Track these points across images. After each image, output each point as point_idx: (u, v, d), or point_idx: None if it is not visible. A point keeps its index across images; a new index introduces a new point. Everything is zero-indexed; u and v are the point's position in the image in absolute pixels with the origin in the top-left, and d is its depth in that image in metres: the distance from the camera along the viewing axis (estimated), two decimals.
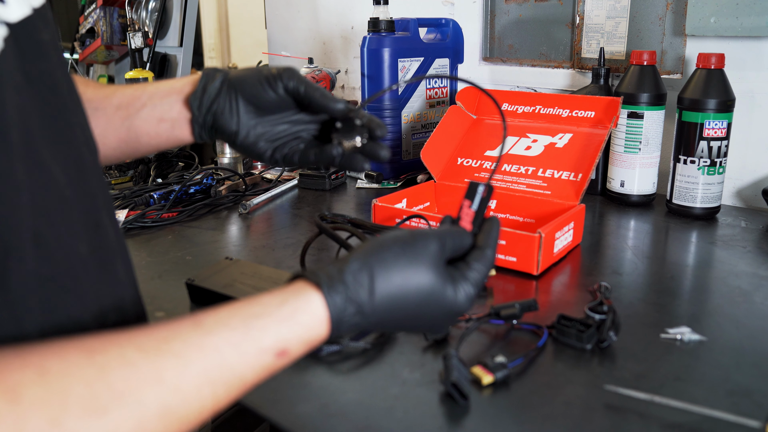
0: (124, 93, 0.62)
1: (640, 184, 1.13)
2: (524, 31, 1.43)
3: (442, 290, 0.48)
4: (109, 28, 1.96)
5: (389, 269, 0.46)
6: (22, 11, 0.40)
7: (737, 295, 0.76)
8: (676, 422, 0.52)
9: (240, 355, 0.40)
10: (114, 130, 0.62)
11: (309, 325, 0.43)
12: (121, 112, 0.62)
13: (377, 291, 0.45)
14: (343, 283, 0.45)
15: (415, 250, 0.47)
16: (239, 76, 0.60)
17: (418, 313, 0.47)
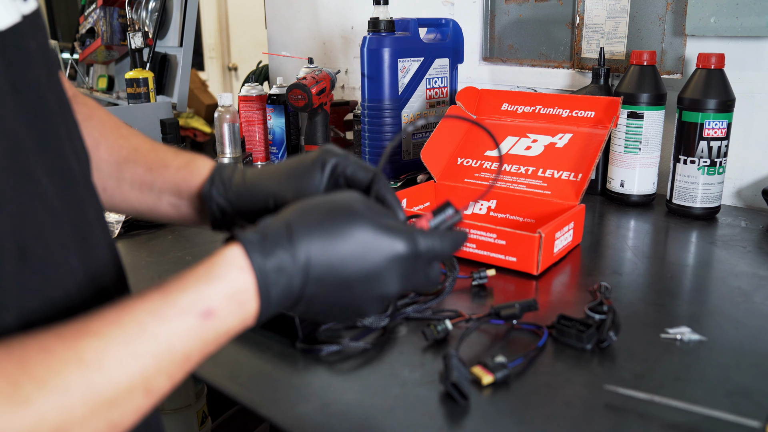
0: (135, 171, 0.61)
1: (640, 184, 1.13)
2: (524, 31, 1.43)
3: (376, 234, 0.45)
4: (109, 28, 1.96)
5: (308, 217, 0.44)
6: (11, 18, 0.39)
7: (737, 295, 0.76)
8: (676, 422, 0.52)
9: (160, 321, 0.38)
10: (131, 206, 0.62)
11: (229, 277, 0.41)
12: (137, 194, 0.62)
13: (296, 235, 0.43)
14: (257, 230, 0.43)
15: (336, 201, 0.46)
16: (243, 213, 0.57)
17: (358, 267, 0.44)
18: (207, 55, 3.74)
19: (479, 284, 0.79)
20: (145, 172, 0.62)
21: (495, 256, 0.84)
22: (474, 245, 0.86)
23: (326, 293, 0.45)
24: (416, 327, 0.69)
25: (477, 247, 0.86)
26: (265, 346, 0.66)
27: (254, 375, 0.61)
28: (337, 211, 0.45)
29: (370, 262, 0.45)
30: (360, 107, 1.32)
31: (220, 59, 3.73)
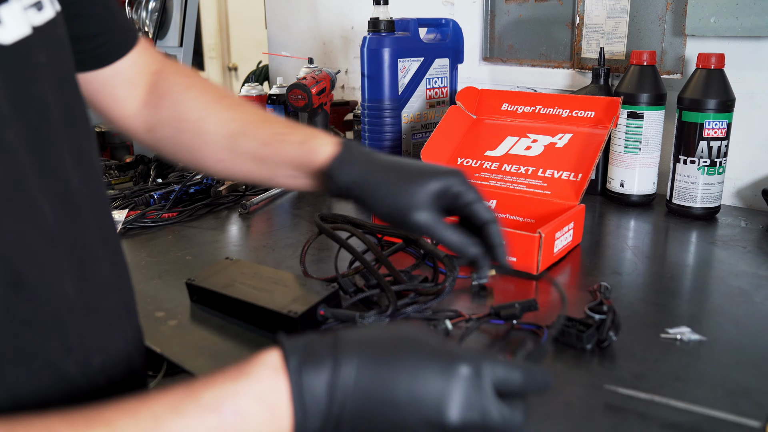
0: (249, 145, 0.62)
1: (640, 184, 1.13)
2: (524, 31, 1.43)
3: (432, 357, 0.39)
4: None
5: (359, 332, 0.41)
6: (20, 31, 0.38)
7: (737, 295, 0.76)
8: (676, 422, 0.52)
9: (177, 416, 0.35)
10: (247, 175, 0.64)
11: (258, 376, 0.37)
12: (253, 165, 0.63)
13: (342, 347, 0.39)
14: (304, 339, 0.40)
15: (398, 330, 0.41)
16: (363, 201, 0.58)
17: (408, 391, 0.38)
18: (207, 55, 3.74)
19: (479, 284, 0.79)
20: (261, 146, 0.62)
21: None
22: None
23: (373, 419, 0.38)
24: None
25: None
26: (265, 346, 0.66)
27: None
28: (395, 337, 0.41)
29: (423, 386, 0.38)
30: (360, 107, 1.32)
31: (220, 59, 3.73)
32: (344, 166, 0.58)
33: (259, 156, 0.62)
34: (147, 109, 0.65)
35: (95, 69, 0.61)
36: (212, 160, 0.65)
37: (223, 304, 0.73)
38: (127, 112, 0.65)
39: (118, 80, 0.63)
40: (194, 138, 0.64)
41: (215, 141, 0.63)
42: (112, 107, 0.65)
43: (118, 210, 1.06)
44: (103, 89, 0.63)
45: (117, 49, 0.62)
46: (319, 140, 0.60)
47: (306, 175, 0.61)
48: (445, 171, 0.58)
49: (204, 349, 0.66)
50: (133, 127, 0.66)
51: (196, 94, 0.65)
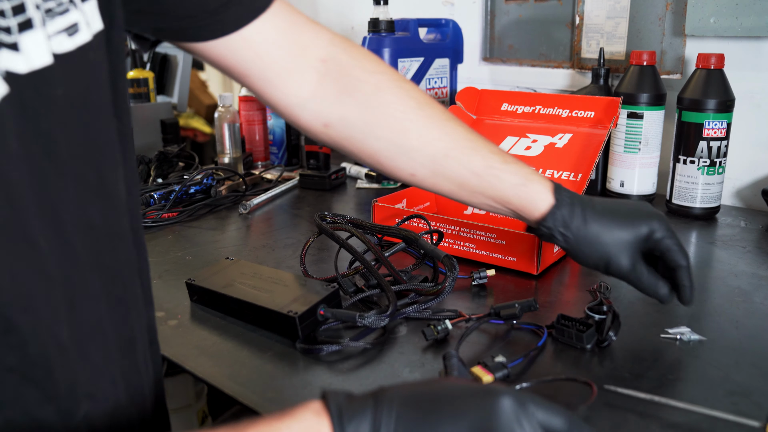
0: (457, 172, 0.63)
1: (640, 184, 1.13)
2: (524, 31, 1.43)
3: None
4: None
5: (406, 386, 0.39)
6: (40, 61, 0.36)
7: (737, 295, 0.77)
8: (676, 422, 0.52)
9: None
10: (442, 193, 0.66)
11: (302, 418, 0.37)
12: (454, 189, 0.65)
13: (384, 401, 0.38)
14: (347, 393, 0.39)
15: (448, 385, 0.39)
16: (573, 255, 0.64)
17: None
18: None
19: (479, 284, 0.79)
20: (470, 175, 0.63)
21: (495, 256, 0.84)
22: (474, 245, 0.86)
23: None
24: (416, 327, 0.69)
25: (477, 247, 0.86)
26: (265, 346, 0.66)
27: (254, 375, 0.61)
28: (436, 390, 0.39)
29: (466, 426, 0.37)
30: None
31: None
32: (559, 223, 0.62)
33: (466, 184, 0.63)
34: (323, 104, 0.62)
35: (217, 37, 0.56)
36: (405, 173, 0.65)
37: (223, 304, 0.73)
38: (291, 100, 0.62)
39: (261, 57, 0.59)
40: (389, 147, 0.63)
41: (414, 157, 0.63)
42: (270, 91, 0.62)
43: None
44: (245, 64, 0.59)
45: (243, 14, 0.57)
46: (535, 187, 0.62)
47: (512, 213, 0.65)
48: (651, 215, 0.63)
49: (204, 349, 0.66)
50: (302, 121, 0.64)
51: (392, 99, 0.62)
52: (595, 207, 0.63)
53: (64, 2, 0.38)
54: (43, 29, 0.37)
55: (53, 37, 0.37)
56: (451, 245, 0.88)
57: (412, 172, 0.64)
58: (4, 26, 0.34)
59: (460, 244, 0.87)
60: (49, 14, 0.37)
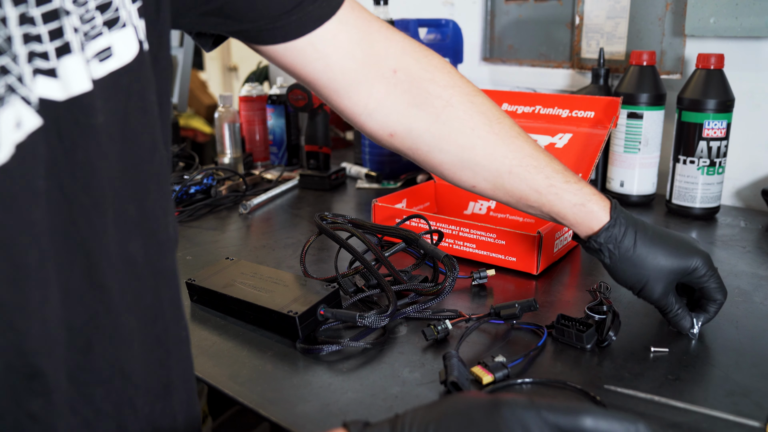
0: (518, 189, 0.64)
1: (640, 184, 1.13)
2: (524, 31, 1.43)
3: None
4: None
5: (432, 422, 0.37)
6: (79, 87, 0.34)
7: (737, 295, 0.77)
8: (676, 422, 0.52)
9: None
10: (489, 197, 0.67)
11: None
12: (511, 201, 0.66)
13: None
14: (366, 422, 0.38)
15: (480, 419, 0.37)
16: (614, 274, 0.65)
17: None
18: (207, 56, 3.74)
19: (479, 284, 0.79)
20: (532, 192, 0.64)
21: (495, 256, 0.84)
22: (474, 245, 0.86)
23: None
24: (416, 327, 0.69)
25: (477, 247, 0.86)
26: (265, 346, 0.66)
27: (254, 375, 0.61)
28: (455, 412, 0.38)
29: None
30: None
31: (220, 59, 3.73)
32: (610, 241, 0.63)
33: (525, 198, 0.65)
34: (391, 115, 0.63)
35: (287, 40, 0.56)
36: (467, 184, 0.66)
37: (223, 304, 0.73)
38: (358, 109, 0.63)
39: (330, 64, 0.59)
40: (454, 162, 0.64)
41: (479, 172, 0.64)
42: (336, 99, 0.62)
43: None
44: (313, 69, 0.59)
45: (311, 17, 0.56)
46: (593, 207, 0.63)
47: (565, 224, 0.66)
48: (698, 252, 0.63)
49: (204, 349, 0.66)
50: (368, 128, 0.65)
51: (462, 115, 0.63)
52: (647, 231, 0.64)
53: (98, 25, 0.36)
54: (82, 54, 0.35)
55: (91, 61, 0.36)
56: (451, 245, 0.88)
57: (473, 184, 0.66)
58: (40, 52, 0.33)
59: (460, 244, 0.87)
60: (87, 37, 0.35)
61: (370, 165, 1.34)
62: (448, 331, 0.66)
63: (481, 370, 0.58)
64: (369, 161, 1.34)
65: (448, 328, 0.66)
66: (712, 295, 0.64)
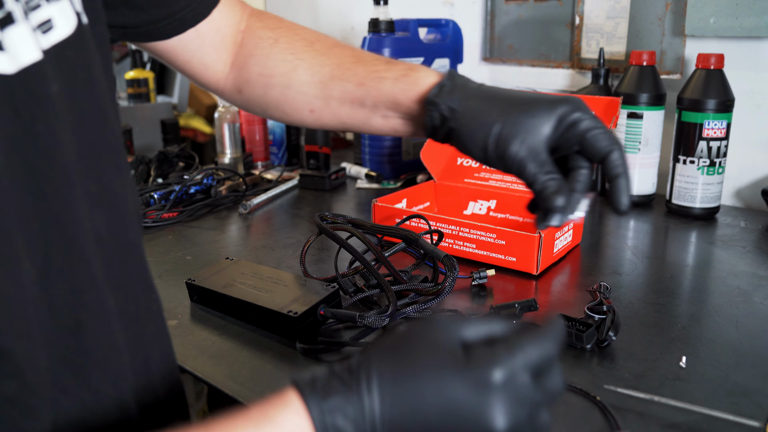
0: (343, 87, 0.59)
1: (640, 185, 1.13)
2: (524, 31, 1.43)
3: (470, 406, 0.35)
4: None
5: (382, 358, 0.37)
6: (28, 57, 0.33)
7: (737, 295, 0.77)
8: (676, 422, 0.52)
9: None
10: (341, 122, 0.62)
11: (281, 420, 0.35)
12: (347, 110, 0.60)
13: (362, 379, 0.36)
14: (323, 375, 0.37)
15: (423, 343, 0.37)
16: (460, 137, 0.52)
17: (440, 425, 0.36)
18: None
19: (479, 284, 0.80)
20: (356, 88, 0.58)
21: (495, 256, 0.84)
22: (474, 245, 0.86)
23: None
24: None
25: (477, 247, 0.86)
26: (265, 346, 0.66)
27: (254, 375, 0.61)
28: (420, 357, 0.37)
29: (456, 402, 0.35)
30: None
31: None
32: (445, 93, 0.52)
33: (354, 98, 0.59)
34: (235, 70, 0.64)
35: (178, 34, 0.59)
36: (305, 112, 0.62)
37: (223, 304, 0.73)
38: (217, 76, 0.64)
39: (204, 44, 0.61)
40: (285, 92, 0.62)
41: (306, 90, 0.61)
42: (203, 72, 0.64)
43: None
44: (191, 55, 0.62)
45: (199, 10, 0.59)
46: (421, 72, 0.56)
47: (402, 113, 0.57)
48: (561, 98, 0.50)
49: (204, 349, 0.66)
50: (224, 90, 0.66)
51: (286, 46, 0.62)
52: (495, 88, 0.53)
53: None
54: (27, 22, 0.34)
55: (36, 30, 0.35)
56: (451, 245, 0.88)
57: (310, 108, 0.61)
58: None
59: (460, 244, 0.87)
60: (28, 7, 0.35)
61: (370, 165, 1.34)
62: None
63: None
64: (369, 161, 1.34)
65: None
66: (601, 144, 0.48)
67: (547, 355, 0.37)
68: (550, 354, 0.38)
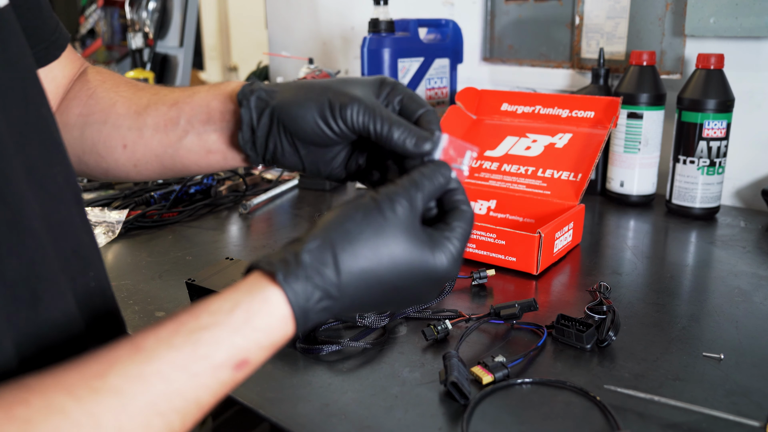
0: (157, 111, 0.56)
1: (640, 184, 1.13)
2: (524, 31, 1.43)
3: (420, 258, 0.41)
4: (109, 28, 1.96)
5: (354, 243, 0.40)
6: None
7: (737, 295, 0.77)
8: (676, 422, 0.52)
9: (190, 377, 0.35)
10: (155, 157, 0.56)
11: (269, 329, 0.37)
12: (160, 136, 0.55)
13: (343, 269, 0.39)
14: (302, 268, 0.38)
15: (381, 217, 0.41)
16: (288, 110, 0.48)
17: (397, 286, 0.41)
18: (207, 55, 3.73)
19: (479, 284, 0.80)
20: (169, 109, 0.55)
21: (495, 256, 0.85)
22: (474, 245, 0.86)
23: (364, 304, 0.42)
24: (416, 327, 0.69)
25: (477, 247, 0.86)
26: None
27: (254, 375, 0.61)
28: (382, 232, 0.41)
29: (412, 281, 0.42)
30: None
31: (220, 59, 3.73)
32: (258, 87, 0.50)
33: (168, 119, 0.55)
34: (56, 115, 0.59)
35: None
36: (118, 149, 0.57)
37: None
38: None
39: (50, 86, 0.59)
40: (101, 128, 0.58)
41: (121, 123, 0.57)
42: None
43: (118, 210, 1.06)
44: None
45: (52, 50, 0.58)
46: (233, 81, 0.55)
47: (217, 123, 0.53)
48: (372, 77, 0.51)
49: None
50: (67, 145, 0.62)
51: (110, 85, 0.60)
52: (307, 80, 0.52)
53: None
54: None
55: None
56: None
57: (123, 143, 0.57)
58: None
59: None
60: None
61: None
62: (448, 331, 0.66)
63: (481, 370, 0.58)
64: None
65: (448, 328, 0.66)
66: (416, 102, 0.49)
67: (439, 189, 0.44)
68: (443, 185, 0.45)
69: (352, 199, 0.43)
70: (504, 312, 0.68)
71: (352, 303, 0.40)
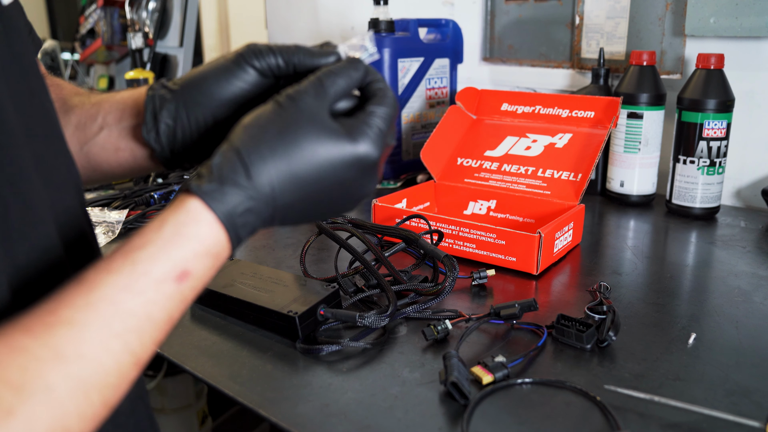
0: (82, 108, 0.54)
1: (640, 184, 1.13)
2: (524, 31, 1.43)
3: (337, 147, 0.41)
4: (109, 28, 1.96)
5: (259, 143, 0.40)
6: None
7: (737, 295, 0.77)
8: (676, 422, 0.52)
9: (136, 295, 0.36)
10: (75, 156, 0.52)
11: (200, 236, 0.38)
12: (79, 133, 0.53)
13: (253, 170, 0.39)
14: (213, 175, 0.39)
15: (285, 113, 0.41)
16: (194, 81, 0.48)
17: (323, 181, 0.41)
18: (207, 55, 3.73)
19: (479, 284, 0.80)
20: (92, 106, 0.53)
21: (495, 256, 0.84)
22: (474, 245, 0.86)
23: (298, 209, 0.42)
24: (416, 327, 0.69)
25: (477, 247, 0.86)
26: (265, 346, 0.66)
27: (254, 375, 0.61)
28: (287, 127, 0.41)
29: (335, 173, 0.42)
30: None
31: None
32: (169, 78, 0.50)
33: (86, 118, 0.53)
34: None
35: None
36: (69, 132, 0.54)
37: (223, 304, 0.73)
38: None
39: None
40: None
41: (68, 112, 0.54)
42: None
43: (118, 210, 1.06)
44: None
45: None
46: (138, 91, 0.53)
47: (127, 123, 0.51)
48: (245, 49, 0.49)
49: (204, 349, 0.66)
50: None
51: (53, 90, 0.55)
52: None
53: None
54: None
55: None
56: (451, 245, 0.88)
57: None
58: None
59: (460, 244, 0.87)
60: None
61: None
62: (448, 331, 0.66)
63: (481, 370, 0.58)
64: None
65: (448, 328, 0.66)
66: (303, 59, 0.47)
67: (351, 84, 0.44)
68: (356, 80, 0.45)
69: (261, 106, 0.43)
70: (504, 312, 0.68)
71: (284, 205, 0.41)
